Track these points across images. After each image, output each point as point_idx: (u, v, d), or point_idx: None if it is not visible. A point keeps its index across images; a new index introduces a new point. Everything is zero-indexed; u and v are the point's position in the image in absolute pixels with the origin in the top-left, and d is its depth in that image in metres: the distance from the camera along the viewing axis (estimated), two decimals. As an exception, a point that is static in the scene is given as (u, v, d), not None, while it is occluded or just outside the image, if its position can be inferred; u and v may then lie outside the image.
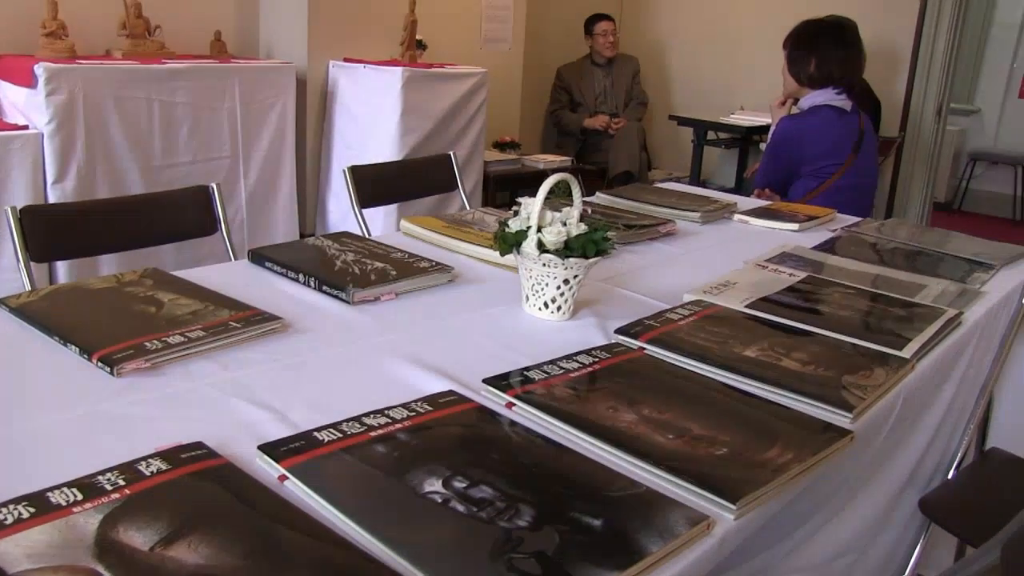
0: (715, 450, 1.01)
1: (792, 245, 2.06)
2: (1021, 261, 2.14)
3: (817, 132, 2.90)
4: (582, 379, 1.18)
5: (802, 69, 2.94)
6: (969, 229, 6.20)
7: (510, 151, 4.91)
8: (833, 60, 2.89)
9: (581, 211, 1.43)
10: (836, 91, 2.91)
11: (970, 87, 7.55)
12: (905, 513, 1.79)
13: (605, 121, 5.51)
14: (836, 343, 1.41)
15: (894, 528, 1.77)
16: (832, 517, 1.43)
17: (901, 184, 5.38)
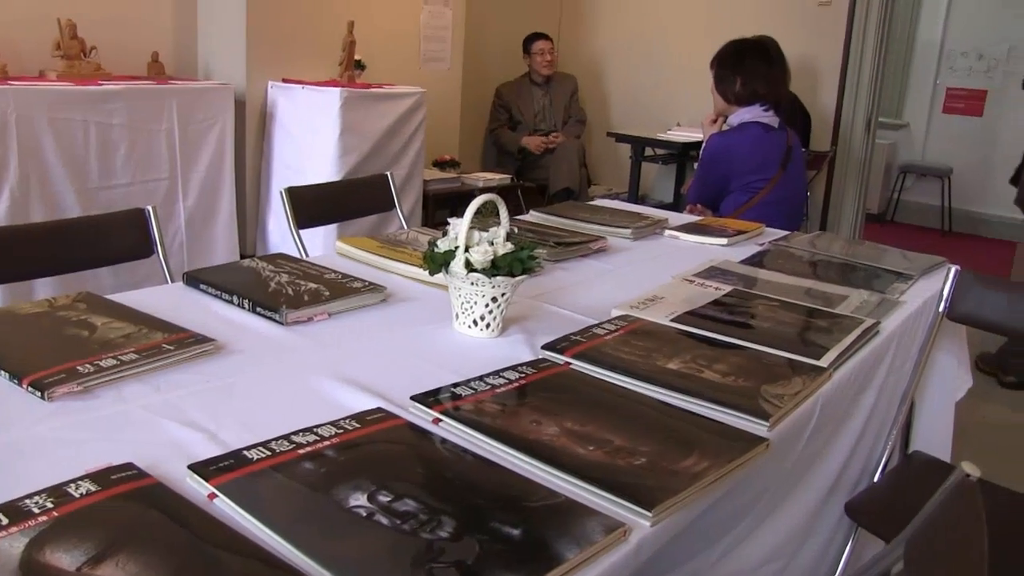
0: (634, 460, 1.05)
1: (720, 259, 2.12)
2: (938, 271, 2.22)
3: (746, 148, 2.98)
4: (508, 394, 1.22)
5: (729, 88, 3.03)
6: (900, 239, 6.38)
7: (450, 170, 4.95)
8: (758, 78, 2.98)
9: (508, 230, 1.47)
10: (763, 108, 2.99)
11: (898, 102, 7.78)
12: (832, 517, 1.85)
13: (542, 141, 5.58)
14: (757, 354, 1.46)
15: (822, 532, 1.82)
16: (759, 523, 1.47)
17: (834, 196, 5.52)
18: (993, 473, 2.07)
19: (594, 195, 5.44)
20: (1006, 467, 2.89)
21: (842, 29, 5.37)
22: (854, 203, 5.52)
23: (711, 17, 5.73)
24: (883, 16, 5.30)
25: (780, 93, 3.04)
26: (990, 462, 2.26)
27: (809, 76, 5.46)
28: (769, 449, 1.18)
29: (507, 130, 5.74)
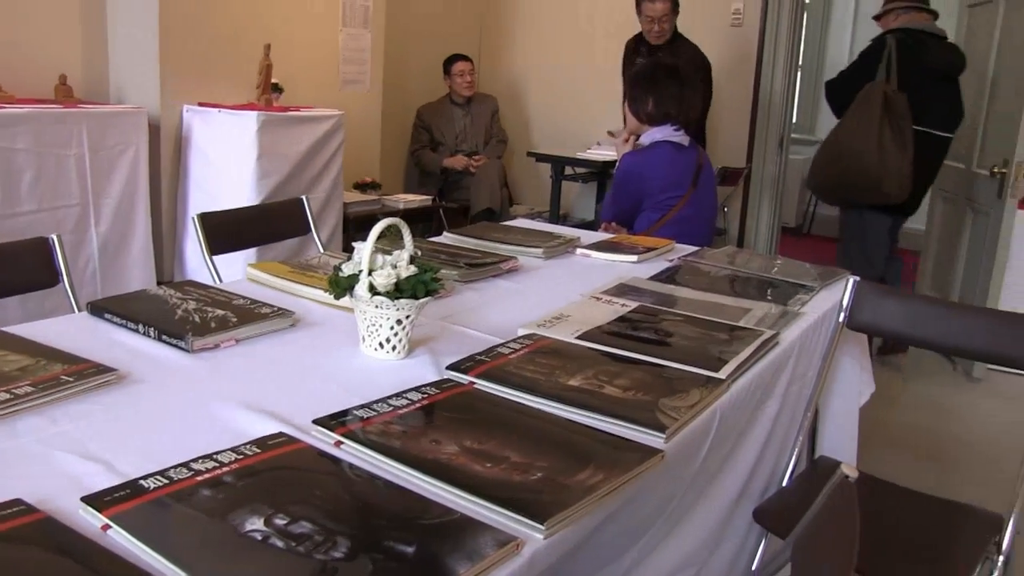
0: (530, 475, 1.07)
1: (630, 277, 2.17)
2: (839, 282, 2.29)
3: (657, 167, 3.05)
4: (410, 415, 1.24)
5: (641, 108, 3.10)
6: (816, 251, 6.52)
7: (370, 192, 4.95)
8: (670, 99, 3.05)
9: (412, 253, 1.49)
10: (674, 127, 3.07)
11: (811, 119, 8.01)
12: (743, 523, 1.90)
13: (464, 162, 5.62)
14: (658, 369, 1.50)
15: (733, 538, 1.87)
16: (669, 532, 1.51)
17: (750, 211, 5.65)
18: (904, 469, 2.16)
19: (516, 215, 5.48)
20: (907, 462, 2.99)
21: (753, 49, 5.52)
22: (769, 218, 5.66)
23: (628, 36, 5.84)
24: (792, 36, 5.47)
25: (691, 114, 3.12)
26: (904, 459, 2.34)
27: (723, 94, 5.59)
28: (665, 460, 1.21)
29: (428, 151, 5.77)
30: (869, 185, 4.03)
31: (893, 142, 3.97)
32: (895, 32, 4.12)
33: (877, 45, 4.15)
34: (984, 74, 4.48)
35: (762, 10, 5.47)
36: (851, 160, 4.01)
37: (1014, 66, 4.14)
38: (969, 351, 2.42)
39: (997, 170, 4.11)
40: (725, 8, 5.67)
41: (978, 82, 4.53)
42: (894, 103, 3.98)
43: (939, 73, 4.10)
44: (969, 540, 1.88)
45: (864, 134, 3.97)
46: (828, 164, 4.16)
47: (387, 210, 4.80)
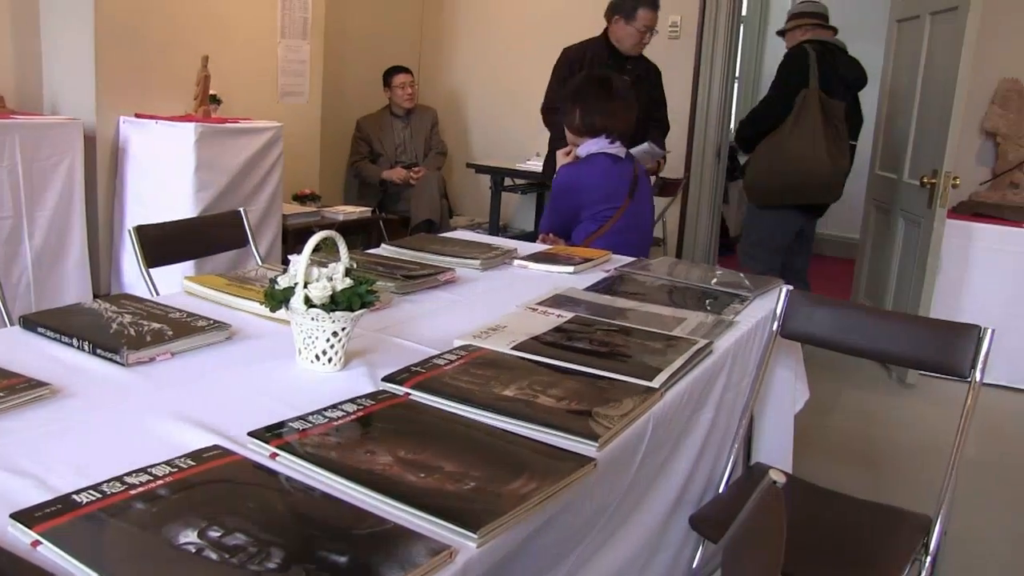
0: (464, 485, 1.09)
1: (566, 287, 2.20)
2: (772, 291, 2.35)
3: (594, 179, 3.09)
4: (345, 427, 1.25)
5: (570, 120, 3.14)
6: (752, 260, 6.50)
7: (310, 203, 4.94)
8: (596, 112, 3.10)
9: (347, 266, 1.50)
10: (609, 140, 3.11)
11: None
12: (680, 530, 1.93)
13: (403, 174, 5.62)
14: (592, 378, 1.53)
15: (671, 545, 1.90)
16: (607, 540, 1.53)
17: (689, 222, 5.73)
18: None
19: (456, 226, 5.50)
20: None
21: (691, 61, 5.61)
22: (708, 228, 5.74)
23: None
24: (729, 48, 5.57)
25: (620, 127, 3.15)
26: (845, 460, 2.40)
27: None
28: (598, 468, 1.24)
29: (368, 163, 5.76)
30: (820, 188, 4.22)
31: (836, 146, 4.15)
32: (811, 43, 4.28)
33: (799, 54, 4.27)
34: (913, 86, 4.61)
35: (699, 23, 5.56)
36: (800, 164, 4.14)
37: (940, 78, 4.27)
38: (897, 357, 2.49)
39: (927, 180, 4.22)
40: (662, 20, 5.73)
41: (907, 94, 4.66)
42: (830, 108, 4.15)
43: (849, 83, 4.30)
44: (899, 542, 1.94)
45: (811, 140, 4.12)
46: (774, 169, 4.24)
47: (326, 222, 4.79)
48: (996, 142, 4.74)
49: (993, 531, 3.04)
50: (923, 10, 4.55)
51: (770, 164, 4.25)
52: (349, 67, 5.86)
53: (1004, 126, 4.68)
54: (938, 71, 4.34)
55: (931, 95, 4.42)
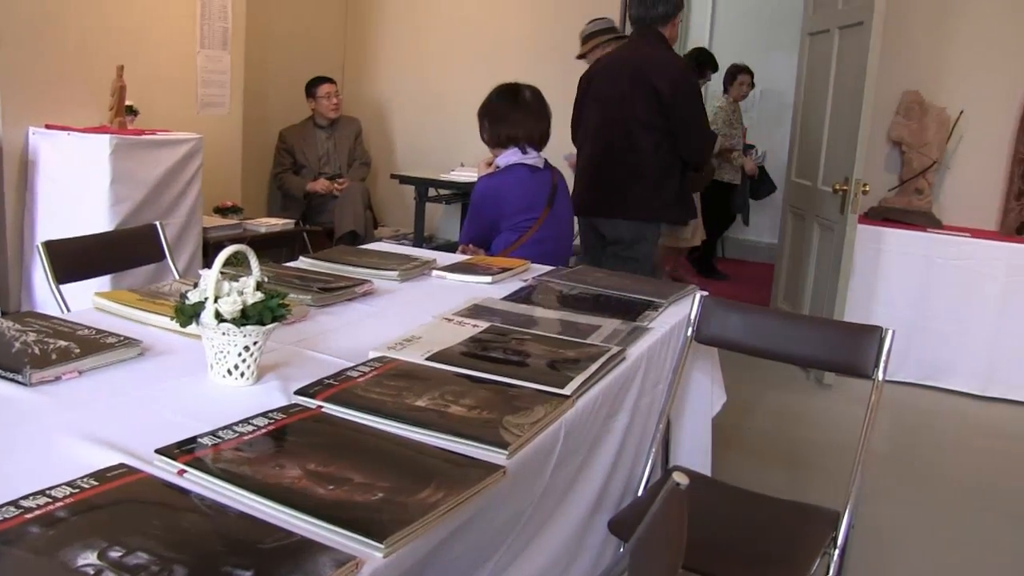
0: (371, 496, 1.10)
1: (484, 297, 2.22)
2: (686, 298, 2.40)
3: (512, 189, 3.12)
4: (255, 441, 1.25)
5: (482, 132, 3.18)
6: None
7: (232, 216, 4.87)
8: (510, 123, 3.13)
9: (259, 280, 1.50)
10: (521, 150, 3.15)
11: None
12: (599, 535, 1.95)
13: (327, 186, 5.60)
14: (505, 387, 1.55)
15: (590, 550, 1.92)
16: (524, 547, 1.54)
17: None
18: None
19: (381, 237, 5.49)
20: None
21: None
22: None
23: (492, 60, 5.95)
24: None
25: (528, 136, 3.18)
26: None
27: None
28: (508, 476, 1.26)
29: (291, 174, 5.72)
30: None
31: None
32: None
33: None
34: (824, 97, 4.74)
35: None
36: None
37: (849, 90, 4.40)
38: (807, 360, 2.57)
39: (839, 187, 4.35)
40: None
41: (819, 105, 4.79)
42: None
43: None
44: (809, 537, 1.99)
45: None
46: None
47: (248, 234, 4.73)
48: (902, 151, 4.91)
49: (902, 522, 3.15)
50: (832, 24, 4.69)
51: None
52: (271, 77, 5.81)
53: (908, 135, 4.84)
54: (847, 83, 4.47)
55: (841, 106, 4.56)
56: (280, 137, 5.76)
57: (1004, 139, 4.82)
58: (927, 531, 3.12)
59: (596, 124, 3.85)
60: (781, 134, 6.60)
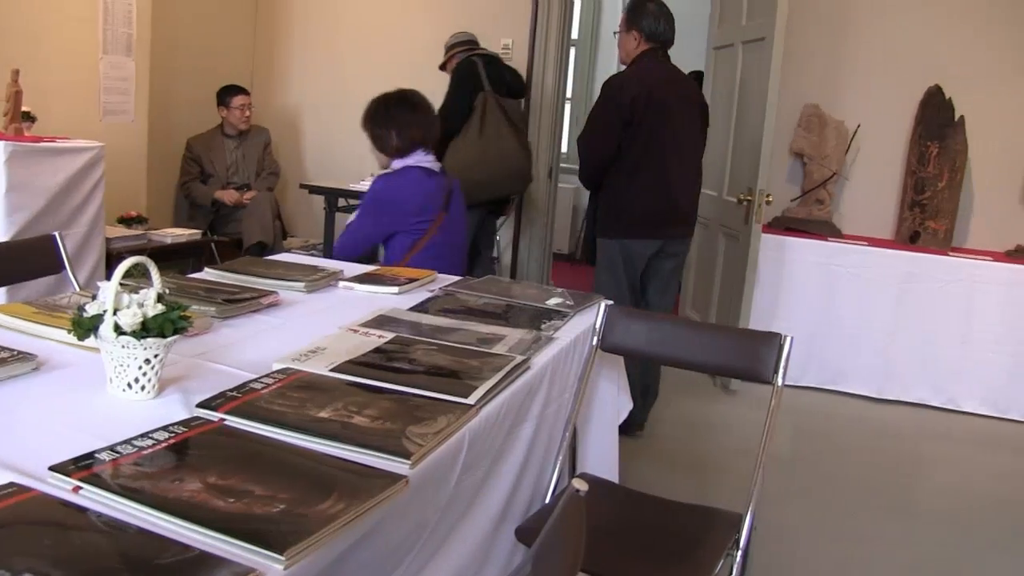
0: (272, 508, 1.09)
1: (390, 308, 2.22)
2: (592, 307, 2.44)
3: (411, 188, 3.13)
4: (155, 455, 1.23)
5: (388, 143, 3.19)
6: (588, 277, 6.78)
7: (136, 226, 4.77)
8: (411, 125, 3.15)
9: (160, 291, 1.48)
10: (423, 152, 3.17)
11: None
12: (507, 543, 1.97)
13: (235, 197, 5.52)
14: (408, 397, 1.56)
15: (498, 558, 1.93)
16: (432, 555, 1.55)
17: (522, 239, 5.84)
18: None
19: (290, 248, 5.43)
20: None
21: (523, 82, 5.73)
22: (541, 245, 5.87)
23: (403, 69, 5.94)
24: (560, 70, 5.73)
25: (425, 138, 3.22)
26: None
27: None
28: (410, 485, 1.27)
29: (199, 184, 5.62)
30: (520, 181, 4.80)
31: (521, 139, 4.70)
32: (476, 56, 4.74)
33: (469, 64, 4.70)
34: (729, 110, 4.87)
35: (530, 45, 5.69)
36: (498, 159, 4.57)
37: (752, 102, 4.53)
38: (709, 366, 2.63)
39: (743, 197, 4.47)
40: (495, 42, 5.86)
41: (724, 117, 4.92)
42: (508, 106, 4.63)
43: (513, 89, 4.83)
44: (713, 539, 2.05)
45: (500, 135, 4.58)
46: (478, 168, 4.52)
47: (154, 245, 4.63)
48: (803, 162, 5.07)
49: (804, 523, 3.25)
50: (736, 39, 4.82)
51: (468, 163, 4.52)
52: (178, 85, 5.69)
53: (809, 147, 5.01)
54: (750, 96, 4.61)
55: (745, 119, 4.69)
56: (187, 146, 5.66)
57: (898, 152, 5.03)
58: (827, 530, 3.23)
59: (674, 142, 3.79)
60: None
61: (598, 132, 3.73)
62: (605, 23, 8.46)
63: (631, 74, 3.77)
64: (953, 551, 3.16)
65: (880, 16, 4.96)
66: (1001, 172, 4.95)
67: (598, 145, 3.73)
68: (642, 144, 3.68)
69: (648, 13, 3.75)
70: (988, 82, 4.87)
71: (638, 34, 3.75)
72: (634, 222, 3.76)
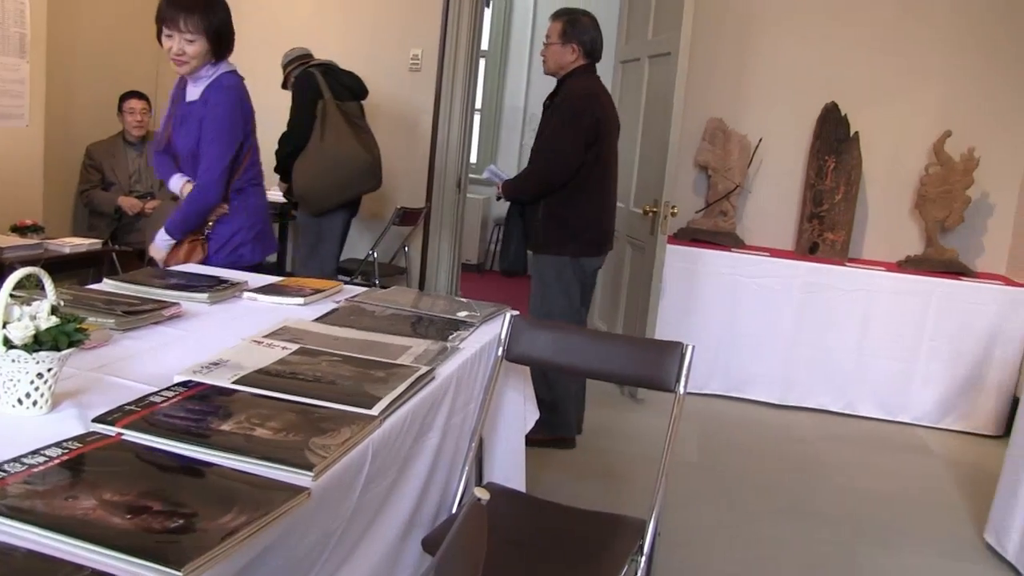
0: (170, 523, 1.08)
1: (295, 319, 2.20)
2: (499, 317, 2.45)
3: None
4: (46, 473, 1.20)
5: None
6: (496, 286, 6.82)
7: (31, 235, 4.61)
8: None
9: (54, 303, 1.45)
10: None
11: (489, 161, 8.44)
12: (413, 554, 1.97)
13: (138, 206, 5.39)
14: (312, 409, 1.55)
15: (405, 569, 1.93)
16: (338, 567, 1.54)
17: (431, 250, 5.85)
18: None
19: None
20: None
21: (432, 93, 5.74)
22: (450, 255, 5.88)
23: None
24: (469, 81, 5.75)
25: None
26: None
27: (406, 135, 5.78)
28: (313, 497, 1.26)
29: (100, 191, 5.46)
30: (365, 176, 4.85)
31: (363, 139, 4.84)
32: (312, 68, 4.89)
33: (308, 75, 4.85)
34: (636, 122, 4.95)
35: (439, 56, 5.71)
36: (343, 161, 4.72)
37: (658, 116, 4.62)
38: (614, 376, 2.67)
39: (649, 209, 4.55)
40: (404, 53, 5.87)
41: (631, 130, 5.00)
42: (347, 110, 4.77)
43: (355, 92, 4.95)
44: (617, 545, 2.08)
45: (342, 139, 4.71)
46: (325, 174, 4.71)
47: (50, 255, 4.48)
48: (708, 175, 5.19)
49: (709, 527, 3.32)
50: (642, 54, 4.92)
51: (315, 171, 4.70)
52: (78, 89, 5.53)
53: (713, 160, 5.13)
54: (656, 109, 4.70)
55: (651, 131, 4.78)
56: (87, 153, 5.50)
57: (798, 166, 5.19)
58: (731, 533, 3.30)
59: (612, 160, 3.90)
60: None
61: (568, 151, 3.72)
62: (515, 35, 8.53)
63: (588, 91, 3.81)
64: (848, 549, 3.27)
65: (781, 36, 5.12)
66: (892, 186, 5.15)
67: (566, 164, 3.73)
68: (597, 163, 3.77)
69: (587, 27, 3.80)
70: (880, 100, 5.07)
71: (577, 47, 3.78)
72: (591, 240, 3.88)
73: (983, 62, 4.95)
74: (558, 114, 3.77)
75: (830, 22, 5.06)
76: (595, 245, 3.90)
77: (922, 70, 5.02)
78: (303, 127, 4.73)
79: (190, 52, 3.01)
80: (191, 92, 3.16)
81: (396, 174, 5.88)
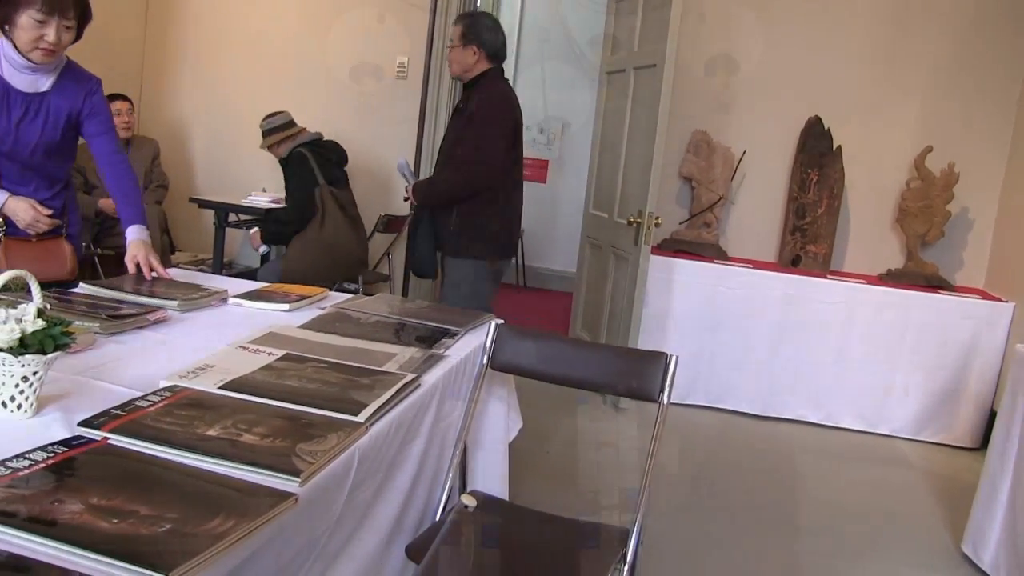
0: (158, 528, 1.08)
1: (280, 325, 2.20)
2: (482, 326, 2.46)
3: None
4: (32, 476, 1.19)
5: None
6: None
7: (11, 238, 4.58)
8: None
9: (40, 307, 1.44)
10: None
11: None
12: (397, 561, 1.96)
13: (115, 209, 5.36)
14: (298, 415, 1.55)
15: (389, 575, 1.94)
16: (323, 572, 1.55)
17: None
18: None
19: (178, 262, 5.31)
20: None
21: (417, 102, 5.75)
22: (435, 263, 5.87)
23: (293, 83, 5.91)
24: (454, 90, 5.76)
25: None
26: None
27: (389, 143, 5.79)
28: (299, 503, 1.26)
29: (81, 193, 5.43)
30: (359, 266, 5.14)
31: (357, 231, 5.04)
32: (301, 146, 4.90)
33: (300, 159, 4.87)
34: (621, 133, 4.98)
35: (425, 64, 5.72)
36: (337, 251, 4.88)
37: (643, 127, 4.64)
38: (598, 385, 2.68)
39: (633, 219, 4.57)
40: (390, 61, 5.88)
41: (615, 141, 5.03)
42: (342, 199, 4.93)
43: (341, 165, 5.10)
44: (600, 554, 2.09)
45: (343, 230, 4.91)
46: (322, 257, 4.84)
47: (33, 258, 4.45)
48: (692, 186, 5.22)
49: (691, 537, 3.33)
50: (628, 65, 4.94)
51: (313, 256, 4.80)
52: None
53: (697, 172, 5.16)
54: (641, 121, 4.72)
55: (636, 142, 4.80)
56: (70, 155, 5.47)
57: (781, 179, 5.22)
58: (713, 543, 3.31)
59: (521, 164, 3.88)
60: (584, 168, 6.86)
61: (497, 158, 3.68)
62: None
63: (504, 95, 3.81)
64: (827, 560, 3.29)
65: (765, 50, 5.16)
66: (874, 199, 5.20)
67: (494, 171, 3.69)
68: (514, 167, 3.79)
69: (487, 28, 3.78)
70: (863, 115, 5.11)
71: (478, 49, 3.74)
72: (506, 243, 3.89)
73: (964, 79, 5.00)
74: (479, 120, 3.69)
75: (814, 37, 5.11)
76: (510, 247, 3.93)
77: (904, 86, 5.07)
78: (305, 212, 4.81)
79: (65, 41, 2.74)
80: (33, 82, 2.88)
81: (380, 182, 5.89)
